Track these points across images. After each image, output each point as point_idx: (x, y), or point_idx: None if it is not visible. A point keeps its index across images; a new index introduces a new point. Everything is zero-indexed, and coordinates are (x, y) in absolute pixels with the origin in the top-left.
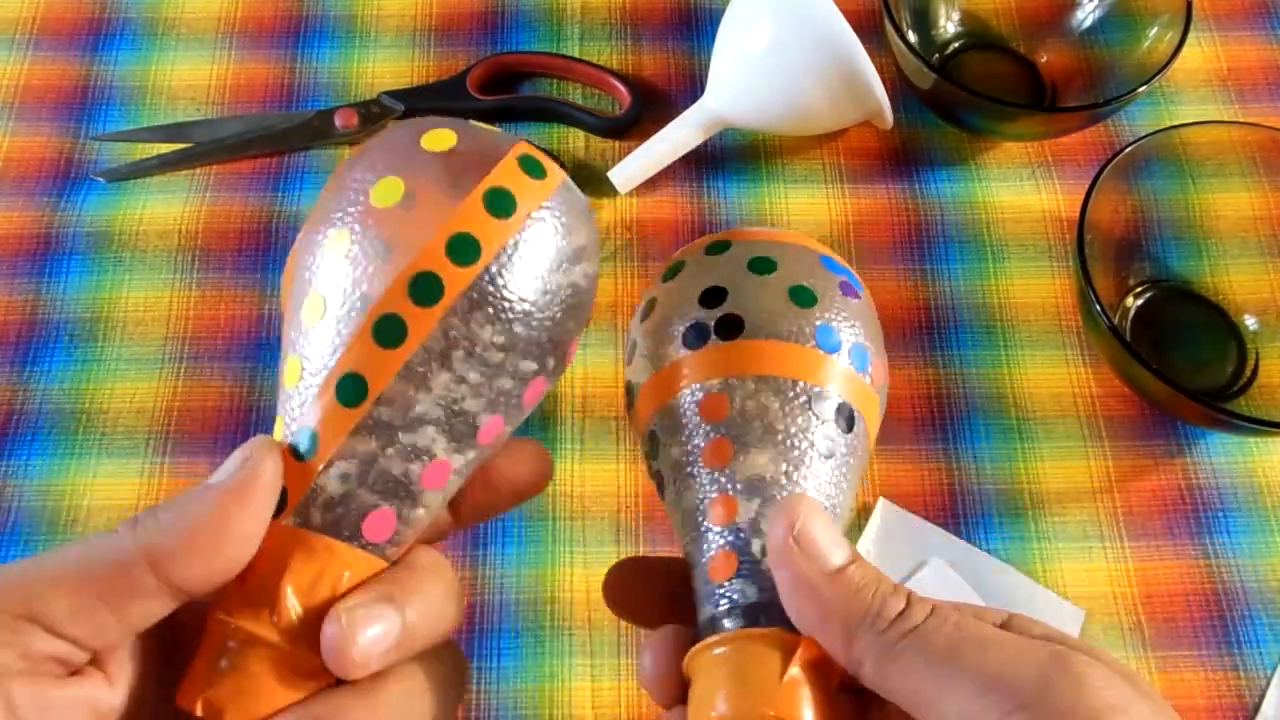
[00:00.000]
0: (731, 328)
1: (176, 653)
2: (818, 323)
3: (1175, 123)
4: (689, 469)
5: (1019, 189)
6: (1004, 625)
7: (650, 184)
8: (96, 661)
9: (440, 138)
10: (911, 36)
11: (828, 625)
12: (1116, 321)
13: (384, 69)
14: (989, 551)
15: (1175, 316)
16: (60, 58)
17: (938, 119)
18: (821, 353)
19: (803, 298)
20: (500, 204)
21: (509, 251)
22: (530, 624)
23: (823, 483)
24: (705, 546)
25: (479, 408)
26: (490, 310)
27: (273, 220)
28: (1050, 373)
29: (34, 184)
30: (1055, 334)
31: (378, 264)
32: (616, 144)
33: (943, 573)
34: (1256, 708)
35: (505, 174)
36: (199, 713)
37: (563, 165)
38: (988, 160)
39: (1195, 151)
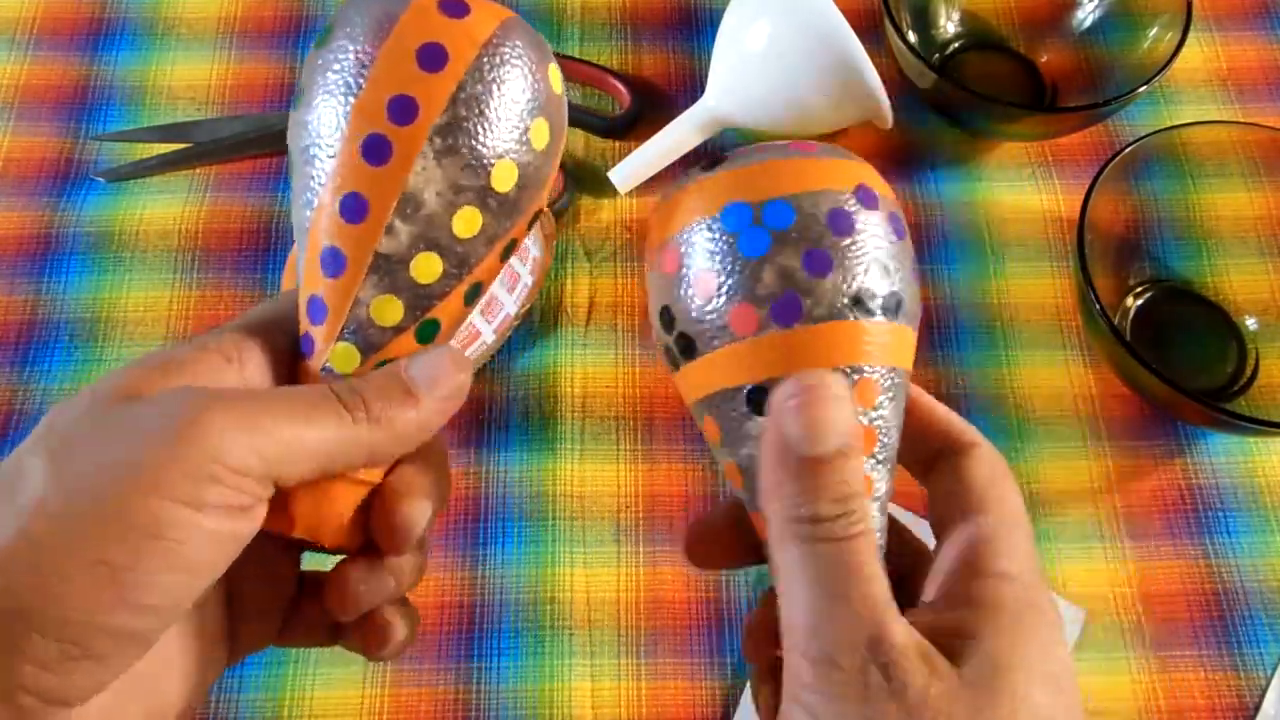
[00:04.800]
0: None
1: None
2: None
3: (1175, 123)
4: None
5: (1019, 189)
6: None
7: (650, 184)
8: None
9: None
10: (911, 36)
11: (768, 484)
12: (1116, 321)
13: None
14: None
15: (1175, 316)
16: (60, 58)
17: (938, 119)
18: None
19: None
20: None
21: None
22: (530, 624)
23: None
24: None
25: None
26: None
27: (273, 220)
28: (1050, 373)
29: (34, 184)
30: (1055, 334)
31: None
32: (616, 144)
33: None
34: (1257, 708)
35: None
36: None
37: (564, 169)
38: (988, 160)
39: (1195, 151)
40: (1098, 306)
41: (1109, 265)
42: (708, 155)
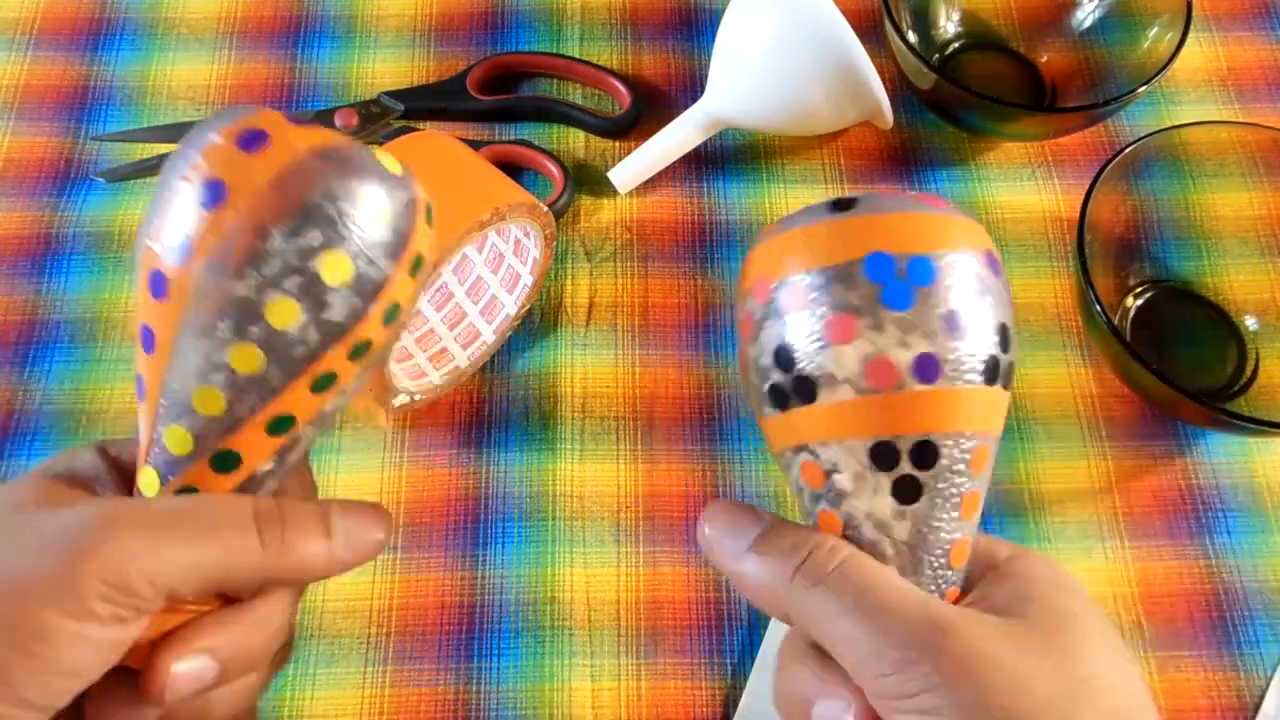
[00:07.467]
0: None
1: None
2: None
3: (1175, 123)
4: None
5: (1019, 189)
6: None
7: (650, 184)
8: None
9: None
10: (911, 36)
11: (757, 600)
12: (1116, 321)
13: (384, 69)
14: None
15: (1175, 316)
16: (60, 58)
17: (938, 119)
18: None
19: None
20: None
21: None
22: (530, 624)
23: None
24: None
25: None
26: None
27: None
28: (1050, 373)
29: (34, 184)
30: (1055, 334)
31: None
32: (616, 144)
33: None
34: (1256, 708)
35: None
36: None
37: (564, 166)
38: (988, 160)
39: (1195, 151)
40: (1098, 306)
41: (1109, 265)
42: (831, 199)
